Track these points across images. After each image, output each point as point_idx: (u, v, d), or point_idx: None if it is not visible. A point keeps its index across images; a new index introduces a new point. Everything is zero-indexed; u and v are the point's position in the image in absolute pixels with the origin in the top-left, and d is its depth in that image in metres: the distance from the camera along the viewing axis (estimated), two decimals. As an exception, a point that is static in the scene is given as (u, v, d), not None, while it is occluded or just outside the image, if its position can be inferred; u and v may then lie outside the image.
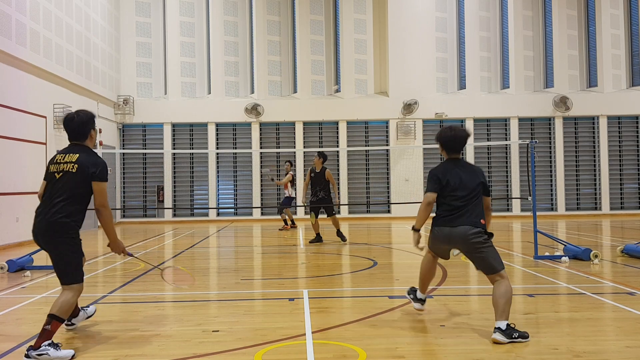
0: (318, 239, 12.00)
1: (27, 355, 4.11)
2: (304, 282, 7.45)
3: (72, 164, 4.42)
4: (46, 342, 4.15)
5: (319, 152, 12.39)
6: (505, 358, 4.02)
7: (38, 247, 9.44)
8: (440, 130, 5.10)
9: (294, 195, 15.60)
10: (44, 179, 4.57)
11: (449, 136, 4.96)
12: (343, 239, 11.98)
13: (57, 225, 4.35)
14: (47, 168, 4.56)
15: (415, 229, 5.19)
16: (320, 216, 12.34)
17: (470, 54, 20.89)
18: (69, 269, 4.43)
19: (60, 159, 4.49)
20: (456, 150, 5.00)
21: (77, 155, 4.47)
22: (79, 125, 4.60)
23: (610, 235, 13.44)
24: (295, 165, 20.36)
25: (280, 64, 21.11)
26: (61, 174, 4.41)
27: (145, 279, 7.78)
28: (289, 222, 15.78)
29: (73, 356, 4.19)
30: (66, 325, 4.91)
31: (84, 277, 4.59)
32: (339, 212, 19.46)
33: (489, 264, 4.69)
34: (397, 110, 20.29)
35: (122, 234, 15.88)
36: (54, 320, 4.26)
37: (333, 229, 12.32)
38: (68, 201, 4.38)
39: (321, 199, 12.02)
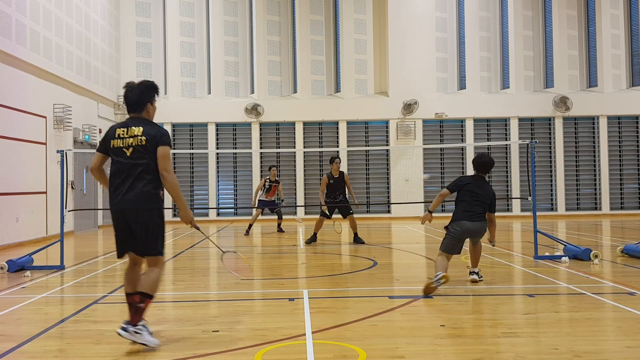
0: (314, 238, 11.98)
1: (124, 329, 4.22)
2: (304, 282, 7.45)
3: (140, 137, 4.37)
4: (142, 322, 4.29)
5: (336, 157, 12.42)
6: (505, 358, 4.02)
7: (38, 247, 9.46)
8: (477, 155, 7.07)
9: (265, 198, 14.57)
10: (100, 151, 4.54)
11: (479, 161, 7.00)
12: (361, 241, 11.87)
13: (145, 197, 4.34)
14: (107, 142, 4.48)
15: (430, 211, 7.09)
16: (334, 216, 12.26)
17: (470, 54, 20.89)
18: (159, 241, 4.44)
19: (122, 134, 4.42)
20: (481, 171, 7.01)
21: (141, 127, 4.41)
22: (137, 95, 4.51)
23: (610, 235, 13.44)
24: (295, 165, 20.38)
25: (280, 64, 21.11)
26: (131, 149, 4.37)
27: (145, 279, 7.77)
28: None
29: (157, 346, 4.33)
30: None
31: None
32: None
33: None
34: (397, 110, 20.29)
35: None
36: (145, 298, 4.32)
37: (333, 229, 12.31)
38: (148, 174, 4.36)
39: (340, 201, 12.09)
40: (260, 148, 20.21)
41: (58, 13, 15.14)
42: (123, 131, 4.43)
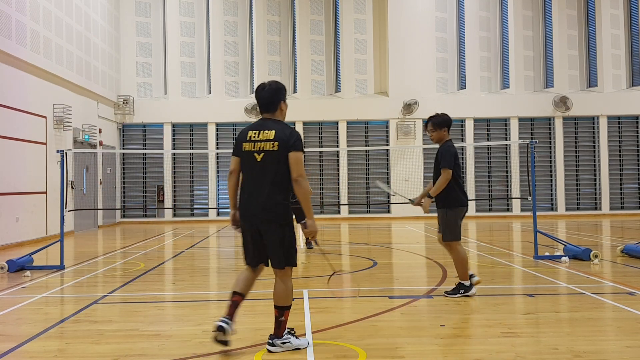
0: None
1: (271, 344, 4.23)
2: (304, 282, 7.45)
3: (272, 142, 4.19)
4: (285, 331, 4.29)
5: None
6: (505, 358, 4.02)
7: (38, 247, 9.46)
8: (438, 115, 6.34)
9: None
10: (235, 154, 4.39)
11: (450, 119, 6.32)
12: (311, 246, 10.81)
13: (275, 206, 4.17)
14: (239, 145, 4.33)
15: (432, 197, 6.10)
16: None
17: (470, 54, 20.89)
18: (292, 251, 4.26)
19: (254, 136, 4.26)
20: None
21: (274, 131, 4.23)
22: (270, 94, 4.36)
23: (610, 235, 13.43)
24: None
25: (280, 64, 21.11)
26: (262, 154, 4.20)
27: (145, 279, 7.78)
28: None
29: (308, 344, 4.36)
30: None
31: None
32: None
33: None
34: (397, 110, 20.29)
35: (121, 234, 15.89)
36: (284, 310, 4.27)
37: (333, 229, 12.31)
38: (278, 182, 4.17)
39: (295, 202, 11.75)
40: (260, 148, 20.16)
41: (58, 13, 15.13)
42: (255, 133, 4.27)
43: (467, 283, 6.07)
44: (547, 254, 9.30)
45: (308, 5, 20.86)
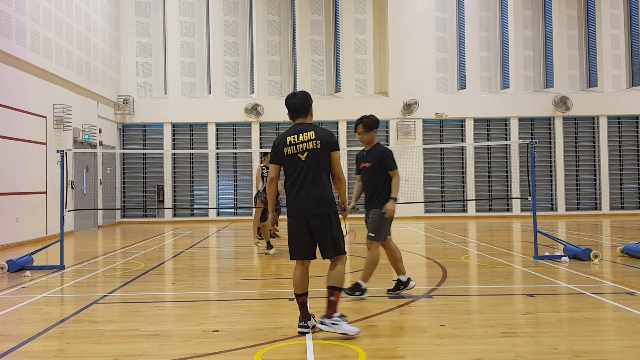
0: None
1: (321, 323, 4.50)
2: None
3: (314, 141, 4.59)
4: (337, 314, 4.52)
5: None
6: (505, 358, 4.02)
7: (38, 247, 9.46)
8: (367, 117, 6.31)
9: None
10: (274, 162, 4.73)
11: (379, 121, 6.37)
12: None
13: (325, 200, 4.57)
14: (280, 151, 4.68)
15: (396, 198, 6.03)
16: None
17: (470, 54, 20.89)
18: (340, 239, 4.66)
19: (293, 140, 4.63)
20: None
21: (313, 132, 4.64)
22: (302, 101, 4.77)
23: (610, 235, 13.43)
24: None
25: (280, 64, 21.11)
26: (306, 153, 4.58)
27: (145, 279, 7.78)
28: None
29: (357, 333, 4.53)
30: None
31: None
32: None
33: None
34: (397, 110, 20.29)
35: (121, 234, 15.89)
36: (335, 290, 4.56)
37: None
38: (323, 177, 4.59)
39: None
40: (260, 148, 20.19)
41: (58, 13, 15.14)
42: (294, 137, 4.65)
43: (363, 285, 6.16)
44: (547, 254, 9.30)
45: (308, 5, 20.86)
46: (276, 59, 21.03)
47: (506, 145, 20.53)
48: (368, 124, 6.24)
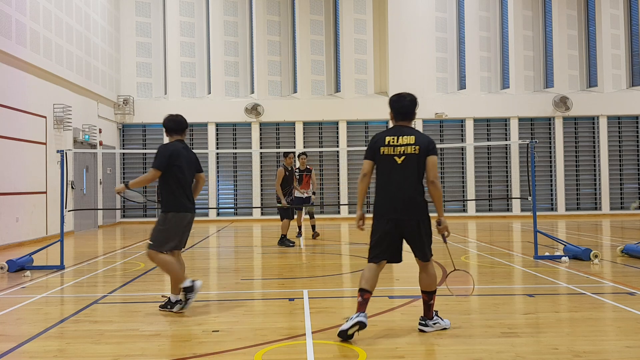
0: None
1: (424, 324, 4.66)
2: (304, 282, 7.44)
3: (413, 146, 4.57)
4: (435, 314, 4.74)
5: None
6: (505, 358, 4.02)
7: (38, 247, 9.45)
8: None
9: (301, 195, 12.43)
10: (369, 158, 4.72)
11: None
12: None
13: (417, 205, 4.58)
14: (376, 149, 4.67)
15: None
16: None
17: (470, 54, 20.88)
18: (430, 244, 4.71)
19: (392, 141, 4.62)
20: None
21: (413, 136, 4.61)
22: (412, 105, 4.74)
23: (610, 235, 13.44)
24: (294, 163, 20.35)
25: (280, 64, 21.11)
26: (403, 157, 4.58)
27: (145, 279, 7.79)
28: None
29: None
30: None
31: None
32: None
33: None
34: (397, 110, 20.26)
35: (122, 234, 15.89)
36: (432, 295, 4.71)
37: (333, 229, 12.31)
38: (418, 182, 4.59)
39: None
40: (260, 148, 20.20)
41: (58, 13, 15.14)
42: (393, 139, 4.62)
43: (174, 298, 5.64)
44: (547, 254, 9.30)
45: (308, 5, 20.86)
46: (276, 59, 21.03)
47: (506, 145, 20.53)
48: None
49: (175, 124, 5.98)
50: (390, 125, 4.92)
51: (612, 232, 14.36)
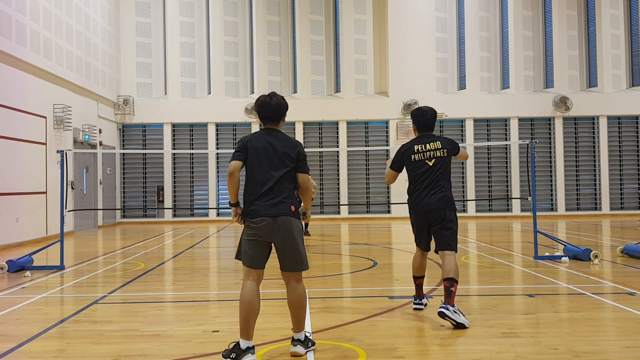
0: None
1: (445, 308, 4.83)
2: (304, 282, 7.42)
3: (441, 150, 5.31)
4: (454, 302, 4.94)
5: None
6: (505, 358, 4.01)
7: (38, 247, 9.46)
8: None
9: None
10: (395, 169, 5.52)
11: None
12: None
13: (450, 200, 5.26)
14: (406, 157, 5.40)
15: None
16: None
17: (470, 54, 20.88)
18: (456, 234, 5.31)
19: (421, 149, 5.35)
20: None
21: (439, 141, 5.35)
22: (432, 118, 5.64)
23: (610, 236, 13.43)
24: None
25: (280, 64, 21.11)
26: (433, 160, 5.30)
27: (145, 279, 7.78)
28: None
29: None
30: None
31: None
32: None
33: None
34: (397, 110, 20.29)
35: (122, 234, 15.89)
36: (454, 282, 4.98)
37: (333, 229, 12.31)
38: (446, 179, 5.31)
39: None
40: (260, 148, 20.16)
41: (58, 13, 15.14)
42: (421, 146, 5.37)
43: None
44: (547, 254, 9.30)
45: (308, 5, 20.86)
46: (276, 59, 21.03)
47: (506, 145, 20.52)
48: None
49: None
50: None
51: (612, 233, 14.36)
